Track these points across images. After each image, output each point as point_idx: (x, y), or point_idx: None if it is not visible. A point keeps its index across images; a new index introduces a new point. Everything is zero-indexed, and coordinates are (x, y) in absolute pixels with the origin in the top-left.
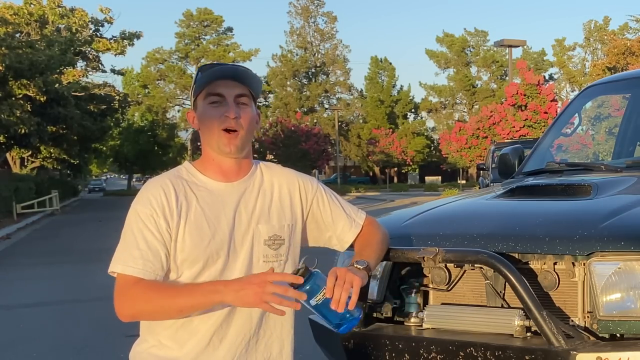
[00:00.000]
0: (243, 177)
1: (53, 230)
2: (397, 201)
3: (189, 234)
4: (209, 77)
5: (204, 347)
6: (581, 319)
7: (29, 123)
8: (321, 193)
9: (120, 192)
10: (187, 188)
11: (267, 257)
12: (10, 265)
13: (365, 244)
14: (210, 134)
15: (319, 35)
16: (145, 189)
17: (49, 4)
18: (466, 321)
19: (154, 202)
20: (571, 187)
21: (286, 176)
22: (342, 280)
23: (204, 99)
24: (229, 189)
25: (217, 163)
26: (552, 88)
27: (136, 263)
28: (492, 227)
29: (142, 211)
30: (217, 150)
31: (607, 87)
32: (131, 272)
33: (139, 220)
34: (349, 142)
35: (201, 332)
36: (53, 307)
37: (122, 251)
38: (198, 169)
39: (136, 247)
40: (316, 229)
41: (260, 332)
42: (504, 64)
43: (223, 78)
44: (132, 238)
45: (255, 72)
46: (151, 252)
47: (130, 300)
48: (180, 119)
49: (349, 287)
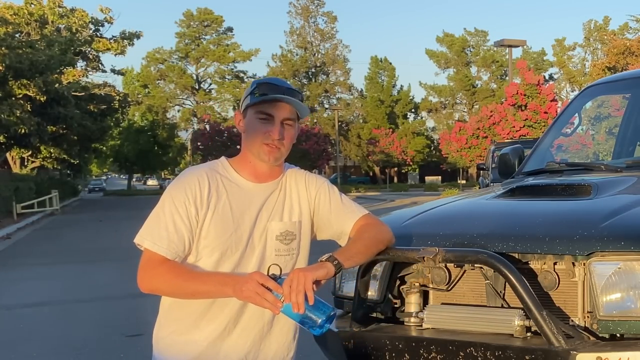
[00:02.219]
0: (273, 180)
1: (53, 230)
2: (397, 201)
3: (214, 224)
4: (266, 98)
5: (221, 332)
6: (581, 319)
7: (29, 123)
8: (324, 189)
9: (120, 192)
10: (219, 182)
11: (279, 251)
12: (11, 265)
13: (356, 238)
14: (253, 143)
15: (319, 35)
16: (183, 176)
17: (49, 4)
18: (466, 321)
19: (188, 191)
20: (571, 187)
21: (298, 175)
22: (295, 283)
23: (255, 113)
24: (257, 189)
25: (253, 165)
26: (552, 88)
27: (162, 242)
28: (492, 227)
29: (176, 196)
30: (257, 157)
31: (607, 87)
32: (157, 250)
33: (172, 205)
34: (349, 142)
35: (219, 318)
36: (53, 307)
37: (151, 227)
38: (234, 167)
39: (165, 228)
40: (322, 224)
41: (274, 317)
42: (504, 63)
43: (277, 101)
44: (163, 218)
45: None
46: (177, 235)
47: (151, 277)
48: (180, 118)
49: (302, 287)
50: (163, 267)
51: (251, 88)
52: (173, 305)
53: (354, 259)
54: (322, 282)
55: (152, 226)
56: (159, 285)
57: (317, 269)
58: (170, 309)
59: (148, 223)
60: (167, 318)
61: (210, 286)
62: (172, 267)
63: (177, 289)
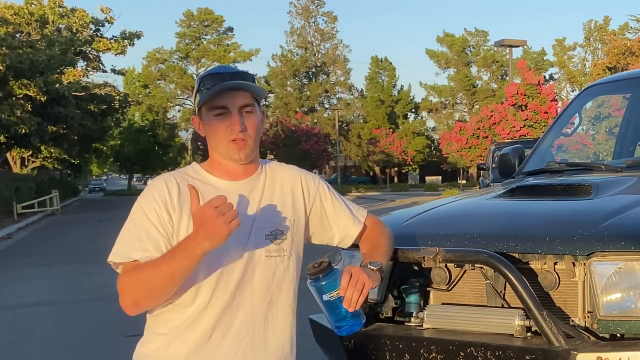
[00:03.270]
0: (250, 177)
1: (53, 230)
2: (397, 201)
3: (191, 227)
4: (212, 91)
5: (206, 342)
6: (581, 319)
7: (30, 123)
8: (324, 189)
9: (120, 192)
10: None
11: (270, 251)
12: (11, 265)
13: (376, 245)
14: (218, 143)
15: (319, 35)
16: (150, 185)
17: (49, 3)
18: (466, 321)
19: (157, 196)
20: (571, 187)
21: (289, 173)
22: (355, 280)
23: (209, 110)
24: (235, 187)
25: (224, 166)
26: (552, 88)
27: (135, 254)
28: (492, 227)
29: (145, 205)
30: (226, 157)
31: (608, 87)
32: (127, 261)
33: (142, 214)
34: (349, 142)
35: (203, 327)
36: (53, 307)
37: (122, 243)
38: (205, 169)
39: (137, 239)
40: (319, 226)
41: (269, 329)
42: (504, 63)
43: (226, 90)
44: (133, 230)
45: (253, 74)
46: (151, 244)
47: (127, 289)
48: (180, 118)
49: (361, 287)
50: (130, 272)
51: (197, 85)
52: (158, 321)
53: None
54: None
55: (124, 242)
56: (135, 291)
57: (373, 279)
58: (155, 325)
59: (120, 239)
60: (152, 334)
61: (182, 258)
62: (136, 267)
63: (151, 282)
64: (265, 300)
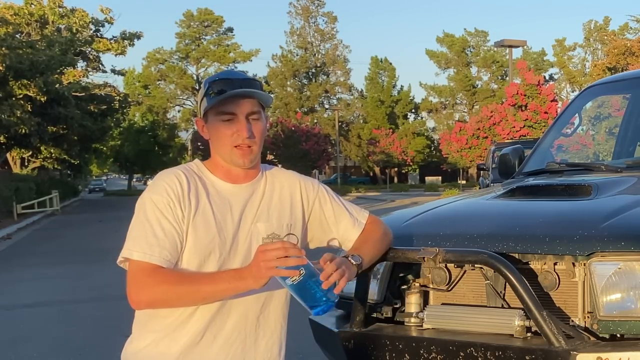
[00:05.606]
0: (250, 181)
1: (53, 231)
2: (397, 201)
3: (197, 226)
4: (222, 97)
5: (197, 343)
6: (581, 319)
7: (29, 123)
8: (323, 193)
9: (120, 192)
10: (198, 182)
11: None
12: (11, 265)
13: (364, 240)
14: (222, 148)
15: (319, 36)
16: (159, 179)
17: (49, 4)
18: (466, 321)
19: (170, 191)
20: (571, 188)
21: (287, 177)
22: (337, 265)
23: (216, 115)
24: (236, 191)
25: (227, 169)
26: (552, 88)
27: (153, 251)
28: (492, 227)
29: (158, 200)
30: (230, 162)
31: (607, 87)
32: (149, 260)
33: (155, 209)
34: (349, 142)
35: (195, 327)
36: (53, 307)
37: (137, 238)
38: (208, 169)
39: (153, 234)
40: (319, 230)
41: (260, 331)
42: (504, 64)
43: (235, 96)
44: (147, 225)
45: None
46: (168, 240)
47: (149, 288)
48: (180, 119)
49: (342, 273)
50: (159, 276)
51: (205, 88)
52: (150, 318)
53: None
54: None
55: (138, 236)
56: (160, 294)
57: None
58: (147, 322)
59: (132, 234)
60: (142, 331)
61: (224, 284)
62: (171, 273)
63: (184, 294)
64: (259, 303)
